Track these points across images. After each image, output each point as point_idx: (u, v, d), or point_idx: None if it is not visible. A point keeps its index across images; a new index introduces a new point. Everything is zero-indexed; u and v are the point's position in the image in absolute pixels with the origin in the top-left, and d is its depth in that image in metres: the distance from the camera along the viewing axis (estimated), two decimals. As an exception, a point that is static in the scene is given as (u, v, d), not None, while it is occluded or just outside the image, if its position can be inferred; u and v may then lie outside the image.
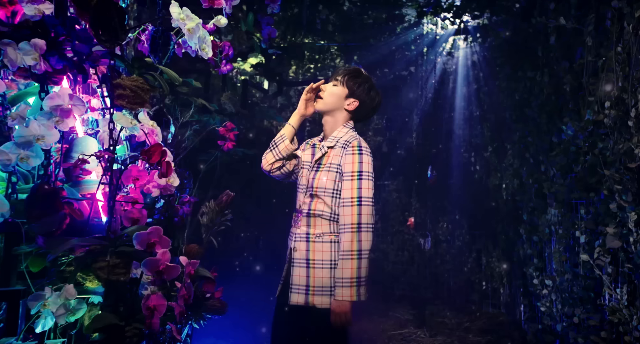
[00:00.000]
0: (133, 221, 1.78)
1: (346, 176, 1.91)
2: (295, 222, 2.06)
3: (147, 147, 1.61)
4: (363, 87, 2.06)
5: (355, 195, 1.87)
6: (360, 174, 1.89)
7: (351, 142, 1.95)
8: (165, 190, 1.82)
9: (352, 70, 2.10)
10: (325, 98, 2.07)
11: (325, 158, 2.01)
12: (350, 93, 2.06)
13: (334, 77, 2.11)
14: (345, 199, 1.89)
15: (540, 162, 3.58)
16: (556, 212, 3.21)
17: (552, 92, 3.17)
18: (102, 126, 1.83)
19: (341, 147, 1.97)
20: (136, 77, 1.77)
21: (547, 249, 3.62)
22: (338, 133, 2.05)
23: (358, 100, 2.06)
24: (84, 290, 1.67)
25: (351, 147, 1.94)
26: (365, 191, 1.88)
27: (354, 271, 1.81)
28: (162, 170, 1.56)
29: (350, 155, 1.92)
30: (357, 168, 1.90)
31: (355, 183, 1.89)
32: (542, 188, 3.59)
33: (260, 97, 6.70)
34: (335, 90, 2.07)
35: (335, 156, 1.97)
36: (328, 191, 1.94)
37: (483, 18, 5.66)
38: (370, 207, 1.87)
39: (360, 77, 2.08)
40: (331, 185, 1.94)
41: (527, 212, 3.90)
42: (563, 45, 3.09)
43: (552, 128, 3.37)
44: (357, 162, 1.91)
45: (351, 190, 1.88)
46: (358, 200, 1.86)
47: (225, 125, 2.17)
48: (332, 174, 1.95)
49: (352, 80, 2.06)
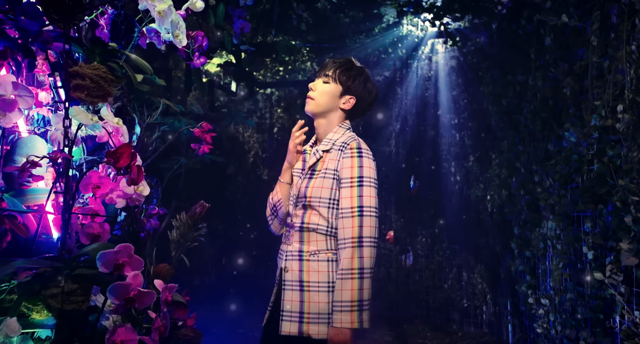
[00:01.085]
0: (93, 237, 1.56)
1: (345, 183, 1.74)
2: (286, 238, 1.87)
3: (113, 149, 1.40)
4: (358, 80, 1.88)
5: (355, 205, 1.70)
6: (360, 180, 1.73)
7: (349, 144, 1.79)
8: (133, 200, 1.60)
9: (343, 62, 1.91)
10: (317, 99, 1.89)
11: (320, 164, 1.83)
12: (345, 89, 1.88)
13: (322, 73, 1.92)
14: (344, 209, 1.71)
15: (534, 171, 3.51)
16: (553, 226, 3.12)
17: (549, 96, 3.10)
18: (55, 123, 1.59)
19: (338, 149, 1.80)
20: (98, 65, 1.56)
21: (540, 265, 3.55)
22: (334, 135, 1.88)
23: (354, 97, 1.89)
24: (30, 323, 1.43)
25: (349, 149, 1.77)
26: (367, 200, 1.71)
27: (355, 293, 1.63)
28: (133, 175, 1.35)
29: (349, 159, 1.75)
30: (357, 173, 1.73)
31: (355, 191, 1.72)
32: (536, 200, 3.52)
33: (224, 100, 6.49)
34: (327, 89, 1.89)
35: (332, 160, 1.80)
36: (324, 201, 1.76)
37: (464, 20, 5.64)
38: (374, 218, 1.70)
39: (354, 70, 1.90)
40: (327, 193, 1.77)
41: (518, 225, 3.82)
42: (561, 46, 3.04)
43: (548, 135, 3.31)
44: (357, 166, 1.74)
45: (351, 199, 1.71)
46: (359, 210, 1.69)
47: (201, 126, 1.97)
48: (328, 181, 1.78)
49: (345, 74, 1.88)
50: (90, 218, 1.60)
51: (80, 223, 1.61)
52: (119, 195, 1.60)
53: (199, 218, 2.20)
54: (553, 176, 3.03)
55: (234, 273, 6.18)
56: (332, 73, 1.88)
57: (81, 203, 1.75)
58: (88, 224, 1.57)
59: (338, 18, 5.18)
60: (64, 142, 1.53)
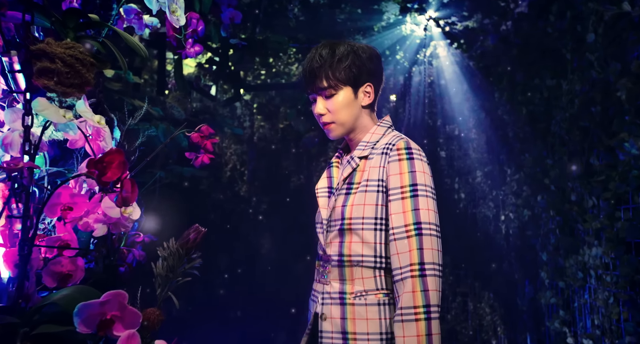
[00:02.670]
0: (61, 278, 1.22)
1: (394, 195, 1.43)
2: (321, 275, 1.55)
3: (99, 156, 1.08)
4: (358, 62, 1.54)
5: (410, 221, 1.39)
6: (414, 189, 1.43)
7: (395, 144, 1.48)
8: (118, 226, 1.27)
9: (325, 58, 1.53)
10: (337, 120, 1.55)
11: (357, 175, 1.52)
12: (355, 85, 1.56)
13: (315, 87, 1.55)
14: (397, 229, 1.40)
15: (569, 189, 3.28)
16: (599, 253, 2.88)
17: (598, 101, 2.87)
18: (10, 121, 1.25)
19: (381, 153, 1.49)
20: (73, 43, 1.23)
21: (577, 298, 3.30)
22: (372, 137, 1.57)
23: (369, 82, 1.59)
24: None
25: (396, 151, 1.46)
26: (425, 215, 1.41)
27: (422, 339, 1.31)
28: (125, 193, 1.03)
29: (396, 163, 1.45)
30: (409, 181, 1.43)
31: (408, 203, 1.41)
32: (571, 222, 3.29)
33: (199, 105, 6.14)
34: (338, 101, 1.54)
35: (374, 168, 1.49)
36: (368, 222, 1.45)
37: (472, 20, 5.46)
38: (435, 239, 1.40)
39: (344, 56, 1.53)
40: (372, 211, 1.46)
41: (548, 251, 3.58)
42: (611, 42, 2.82)
43: (589, 147, 3.08)
44: (408, 171, 1.44)
45: (404, 215, 1.40)
46: (416, 228, 1.38)
47: (201, 130, 1.65)
48: (371, 195, 1.47)
49: (343, 70, 1.52)
50: (57, 252, 1.25)
51: (44, 257, 1.27)
52: (98, 219, 1.26)
53: (193, 246, 1.87)
54: (602, 195, 2.79)
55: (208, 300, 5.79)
56: (327, 81, 1.53)
57: (43, 230, 1.40)
58: (55, 260, 1.23)
59: (333, 14, 4.92)
60: (24, 147, 1.20)
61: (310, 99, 1.62)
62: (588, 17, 3.07)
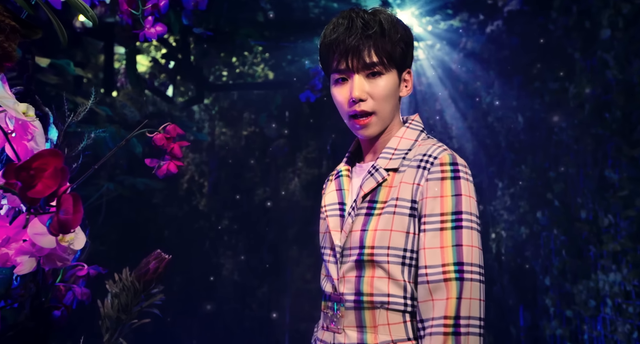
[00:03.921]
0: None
1: (431, 223, 1.16)
2: (330, 321, 1.25)
3: (24, 161, 0.77)
4: (409, 38, 1.28)
5: (450, 260, 1.13)
6: (458, 218, 1.16)
7: (437, 157, 1.20)
8: (51, 259, 0.96)
9: (376, 21, 1.23)
10: (380, 112, 1.26)
11: (383, 191, 1.23)
12: (401, 66, 1.28)
13: (362, 59, 1.22)
14: (431, 269, 1.13)
15: (578, 205, 3.09)
16: (618, 279, 2.70)
17: (620, 105, 2.69)
18: None
19: (416, 166, 1.22)
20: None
21: (587, 329, 3.10)
22: (401, 142, 1.29)
23: (410, 69, 1.32)
24: None
25: (439, 166, 1.19)
26: (468, 253, 1.15)
27: None
28: (64, 214, 0.73)
29: (438, 182, 1.18)
30: (452, 207, 1.16)
31: (449, 237, 1.15)
32: (581, 242, 3.11)
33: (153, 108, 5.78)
34: (385, 84, 1.25)
35: (406, 185, 1.21)
36: (395, 253, 1.18)
37: (456, 18, 5.32)
38: (479, 285, 1.13)
39: (398, 27, 1.26)
40: (401, 240, 1.18)
41: (552, 275, 3.39)
42: (632, 38, 2.66)
43: (604, 158, 2.90)
44: (451, 194, 1.17)
45: (442, 251, 1.14)
46: (457, 270, 1.12)
47: (166, 130, 1.34)
48: (401, 220, 1.19)
49: (398, 43, 1.24)
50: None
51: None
52: (23, 249, 0.95)
53: (154, 278, 1.55)
54: (623, 213, 2.60)
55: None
56: (377, 55, 1.22)
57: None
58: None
59: (306, 8, 4.68)
60: None
61: (334, 78, 1.30)
62: (600, 11, 2.91)
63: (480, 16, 5.10)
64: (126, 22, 1.74)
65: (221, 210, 6.28)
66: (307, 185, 6.16)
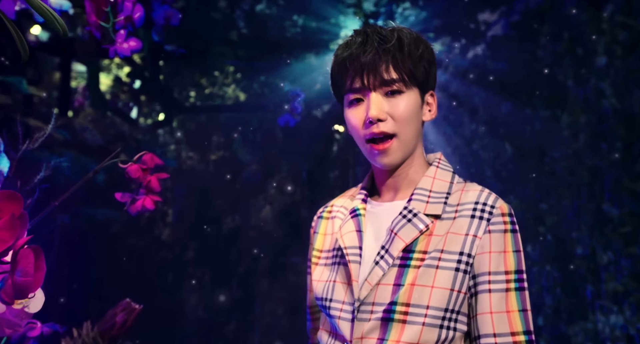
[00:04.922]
0: None
1: (496, 283, 1.06)
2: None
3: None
4: (431, 55, 1.19)
5: (519, 328, 1.04)
6: (520, 278, 1.08)
7: (496, 206, 1.10)
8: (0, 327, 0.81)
9: (394, 37, 1.12)
10: (402, 135, 1.14)
11: (422, 240, 1.11)
12: (424, 86, 1.18)
13: (380, 75, 1.12)
14: (501, 338, 1.04)
15: (573, 240, 3.05)
16: (620, 322, 2.64)
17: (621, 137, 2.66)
18: None
19: (470, 215, 1.11)
20: None
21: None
22: (434, 184, 1.17)
23: (433, 91, 1.22)
24: None
25: (500, 217, 1.09)
26: (530, 319, 1.08)
27: None
28: (24, 276, 0.59)
29: (501, 235, 1.08)
30: (515, 265, 1.07)
31: (514, 300, 1.06)
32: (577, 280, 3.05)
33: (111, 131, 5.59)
34: (407, 105, 1.14)
35: (456, 236, 1.09)
36: (435, 313, 1.04)
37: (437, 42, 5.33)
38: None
39: (420, 44, 1.15)
40: (443, 299, 1.06)
41: (545, 315, 3.33)
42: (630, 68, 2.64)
43: (600, 192, 2.86)
44: (513, 249, 1.07)
45: (509, 316, 1.05)
46: (528, 341, 1.05)
47: (142, 160, 1.21)
48: (446, 275, 1.07)
49: (420, 60, 1.14)
50: None
51: None
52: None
53: (121, 332, 1.39)
54: (625, 251, 2.55)
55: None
56: (397, 71, 1.11)
57: None
58: None
59: (282, 28, 4.61)
60: None
61: (348, 99, 1.18)
62: (593, 38, 2.91)
63: (463, 40, 5.14)
64: (91, 36, 1.64)
65: (185, 240, 6.10)
66: (279, 213, 6.04)
